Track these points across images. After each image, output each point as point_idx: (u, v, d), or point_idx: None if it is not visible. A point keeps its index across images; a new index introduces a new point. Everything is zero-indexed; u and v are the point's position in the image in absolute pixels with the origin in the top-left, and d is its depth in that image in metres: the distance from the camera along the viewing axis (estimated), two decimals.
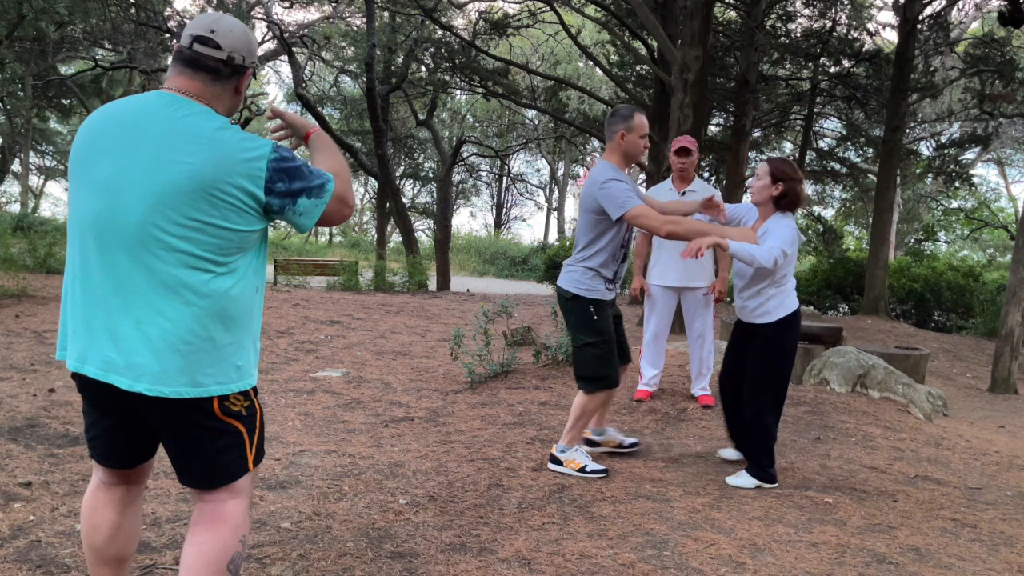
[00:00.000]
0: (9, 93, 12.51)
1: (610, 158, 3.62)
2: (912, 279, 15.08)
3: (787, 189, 3.51)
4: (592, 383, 3.62)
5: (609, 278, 3.62)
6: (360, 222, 43.10)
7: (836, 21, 15.14)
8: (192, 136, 1.73)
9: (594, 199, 3.50)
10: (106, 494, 1.96)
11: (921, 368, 6.47)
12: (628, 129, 3.55)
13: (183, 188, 1.71)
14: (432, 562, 2.68)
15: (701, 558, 2.81)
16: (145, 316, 1.73)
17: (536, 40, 23.90)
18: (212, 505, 1.84)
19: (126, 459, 1.93)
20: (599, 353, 3.60)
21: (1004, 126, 18.34)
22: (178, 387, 1.74)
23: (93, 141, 1.77)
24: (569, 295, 3.62)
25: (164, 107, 1.77)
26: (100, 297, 1.75)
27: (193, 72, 1.82)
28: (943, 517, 3.42)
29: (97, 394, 1.82)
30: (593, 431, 4.05)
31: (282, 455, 3.78)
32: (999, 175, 32.24)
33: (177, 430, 1.79)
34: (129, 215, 1.72)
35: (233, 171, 1.73)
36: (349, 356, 6.41)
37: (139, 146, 1.73)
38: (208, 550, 1.80)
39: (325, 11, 22.16)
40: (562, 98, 18.51)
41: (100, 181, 1.74)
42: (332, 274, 14.09)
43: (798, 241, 3.53)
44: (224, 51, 1.82)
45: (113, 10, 13.00)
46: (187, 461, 1.83)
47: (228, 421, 1.81)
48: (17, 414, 4.10)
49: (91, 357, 1.76)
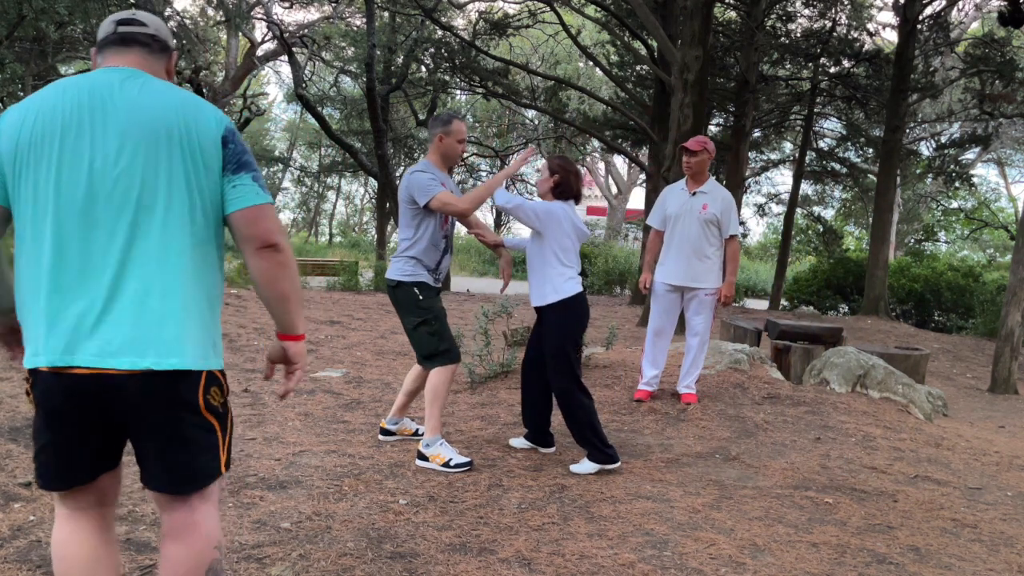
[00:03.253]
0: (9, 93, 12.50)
1: (430, 158, 3.90)
2: (912, 279, 15.08)
3: (560, 179, 3.83)
4: (434, 359, 3.78)
5: (431, 267, 3.82)
6: (360, 222, 43.10)
7: (836, 21, 15.13)
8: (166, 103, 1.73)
9: (406, 190, 3.76)
10: (76, 523, 1.78)
11: (921, 368, 6.47)
12: (446, 133, 3.84)
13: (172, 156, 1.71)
14: (432, 562, 2.68)
15: (701, 558, 2.81)
16: (148, 287, 1.68)
17: (536, 40, 23.89)
18: (182, 514, 1.77)
19: (92, 469, 1.77)
20: (432, 330, 3.76)
21: (1004, 126, 18.32)
22: (183, 358, 1.70)
23: (51, 122, 1.68)
24: (394, 283, 3.81)
25: (115, 78, 1.74)
26: (86, 277, 1.66)
27: (127, 48, 1.80)
28: (943, 517, 3.42)
29: (68, 397, 1.67)
30: (389, 421, 4.20)
31: (282, 455, 3.78)
32: (999, 175, 32.23)
33: (158, 423, 1.71)
34: (131, 182, 1.68)
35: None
36: (349, 356, 6.41)
37: (109, 121, 1.69)
38: (188, 565, 1.75)
39: (325, 11, 22.15)
40: (562, 98, 18.53)
41: (81, 160, 1.67)
42: (332, 274, 14.08)
43: (565, 226, 3.77)
44: (150, 27, 1.83)
45: (113, 10, 13.01)
46: (163, 460, 1.74)
47: (208, 417, 1.76)
48: (17, 414, 4.10)
49: (81, 347, 1.64)
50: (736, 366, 5.69)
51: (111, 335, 1.65)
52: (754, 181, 21.74)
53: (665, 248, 5.00)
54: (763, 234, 36.62)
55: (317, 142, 34.50)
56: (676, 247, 4.90)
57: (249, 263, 1.79)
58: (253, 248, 1.76)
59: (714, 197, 4.87)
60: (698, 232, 4.83)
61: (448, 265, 3.92)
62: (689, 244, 4.84)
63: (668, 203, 4.99)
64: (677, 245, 4.89)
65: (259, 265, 1.77)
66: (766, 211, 22.12)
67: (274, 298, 1.82)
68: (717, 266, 4.90)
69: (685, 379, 5.05)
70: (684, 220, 4.87)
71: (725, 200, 4.89)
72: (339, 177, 36.70)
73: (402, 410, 4.18)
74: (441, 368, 3.77)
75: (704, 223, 4.84)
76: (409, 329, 3.82)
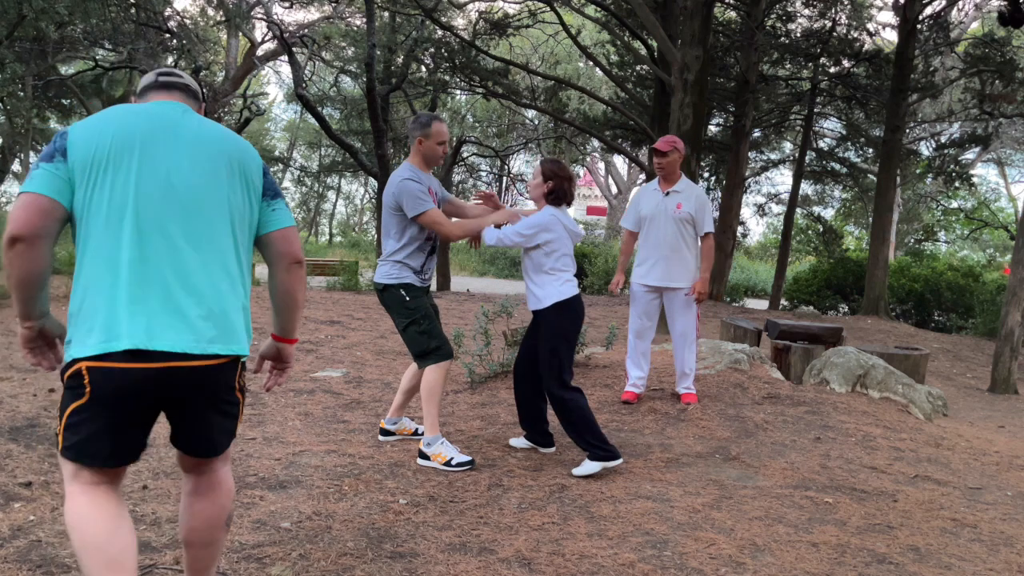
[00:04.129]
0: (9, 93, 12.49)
1: (412, 160, 3.88)
2: (912, 279, 15.08)
3: (555, 186, 3.83)
4: (427, 357, 3.79)
5: (417, 269, 3.83)
6: (360, 222, 43.10)
7: (836, 21, 15.14)
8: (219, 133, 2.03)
9: (393, 197, 3.75)
10: (92, 495, 1.90)
11: (921, 368, 6.47)
12: (425, 136, 3.82)
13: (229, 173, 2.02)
14: (432, 562, 2.68)
15: (701, 558, 2.81)
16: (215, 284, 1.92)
17: (536, 40, 23.89)
18: (208, 476, 2.07)
19: (134, 451, 1.94)
20: (422, 329, 3.78)
21: (1004, 126, 18.33)
22: (242, 345, 1.97)
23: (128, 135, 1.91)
24: (381, 287, 3.84)
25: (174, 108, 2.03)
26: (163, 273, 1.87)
27: (170, 91, 2.11)
28: (943, 517, 3.42)
29: (143, 378, 1.83)
30: (388, 420, 4.20)
31: (282, 455, 3.78)
32: (999, 175, 32.23)
33: (206, 403, 1.95)
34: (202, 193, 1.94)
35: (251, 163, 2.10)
36: (349, 356, 6.41)
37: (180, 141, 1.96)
38: (212, 515, 2.07)
39: (325, 11, 22.15)
40: (562, 98, 18.52)
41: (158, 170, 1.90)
42: (332, 274, 14.08)
43: (557, 230, 3.78)
44: (186, 80, 2.15)
45: (113, 10, 13.00)
46: (205, 434, 2.00)
47: (239, 396, 2.04)
48: (17, 414, 4.10)
49: (158, 334, 1.83)
50: (736, 366, 5.69)
51: (187, 324, 1.87)
52: (754, 181, 21.76)
53: (641, 249, 5.00)
54: (763, 234, 36.65)
55: (317, 142, 34.52)
56: (652, 247, 4.90)
57: (278, 275, 2.08)
58: (286, 263, 2.07)
59: (687, 196, 4.88)
60: (673, 232, 4.84)
61: (434, 266, 3.95)
62: (665, 244, 4.85)
63: (642, 204, 5.00)
64: (653, 245, 4.89)
65: (287, 278, 2.08)
66: (766, 211, 22.14)
67: (289, 306, 2.12)
68: (694, 265, 4.90)
69: (683, 380, 5.05)
70: (659, 220, 4.87)
71: (699, 198, 4.90)
72: (339, 177, 36.72)
73: (400, 409, 4.19)
74: (435, 366, 3.78)
75: (679, 222, 4.85)
76: (400, 330, 3.84)
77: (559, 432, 4.38)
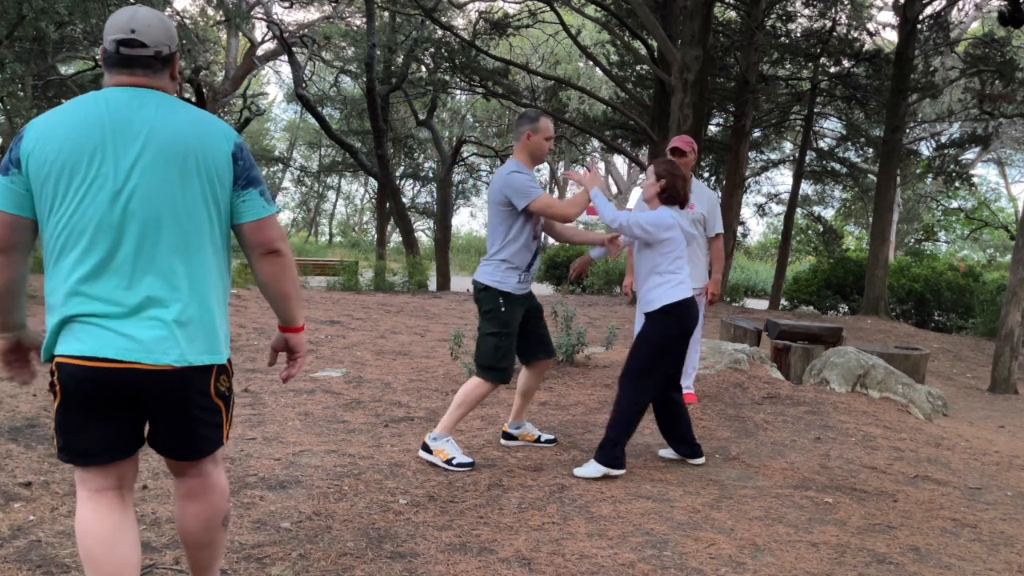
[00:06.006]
0: (9, 93, 12.49)
1: (518, 157, 3.82)
2: (912, 279, 15.07)
3: (668, 185, 3.80)
4: (488, 372, 3.74)
5: (524, 267, 3.77)
6: (360, 222, 43.10)
7: (836, 21, 15.14)
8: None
9: (501, 192, 3.70)
10: (98, 503, 1.93)
11: (921, 368, 6.47)
12: (534, 131, 3.77)
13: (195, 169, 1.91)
14: (432, 562, 2.68)
15: (701, 558, 2.81)
16: (177, 293, 1.88)
17: (536, 40, 23.89)
18: (199, 479, 2.05)
19: (127, 446, 1.96)
20: (500, 344, 3.73)
21: (1004, 126, 18.33)
22: (213, 355, 1.93)
23: (77, 145, 1.83)
24: (481, 287, 3.78)
25: (129, 99, 1.89)
26: (123, 280, 1.84)
27: (131, 70, 1.92)
28: (943, 517, 3.42)
29: (96, 387, 1.84)
30: (511, 425, 4.15)
31: (282, 455, 3.78)
32: (999, 175, 32.24)
33: (177, 408, 1.92)
34: (154, 198, 1.86)
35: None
36: (349, 356, 6.41)
37: (130, 140, 1.85)
38: (208, 516, 2.07)
39: (325, 11, 22.15)
40: (562, 98, 18.52)
41: (107, 177, 1.84)
42: (332, 274, 14.09)
43: (675, 231, 3.73)
44: (150, 48, 1.92)
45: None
46: (181, 437, 1.98)
47: (217, 402, 2.00)
48: (17, 414, 4.10)
49: (109, 342, 1.82)
50: (736, 366, 5.69)
51: (146, 334, 1.84)
52: (754, 181, 21.75)
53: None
54: (763, 234, 36.64)
55: (317, 142, 34.51)
56: None
57: (254, 266, 2.02)
58: (258, 254, 2.00)
59: (699, 196, 4.88)
60: (687, 224, 4.83)
61: (538, 266, 3.87)
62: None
63: None
64: None
65: (263, 268, 2.01)
66: (766, 211, 22.13)
67: (276, 296, 2.06)
68: (704, 265, 4.91)
69: (684, 379, 5.04)
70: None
71: (710, 200, 4.91)
72: (339, 177, 36.71)
73: (520, 413, 4.12)
74: (486, 383, 3.73)
75: (691, 223, 4.84)
76: (482, 332, 3.78)
77: (560, 432, 4.38)
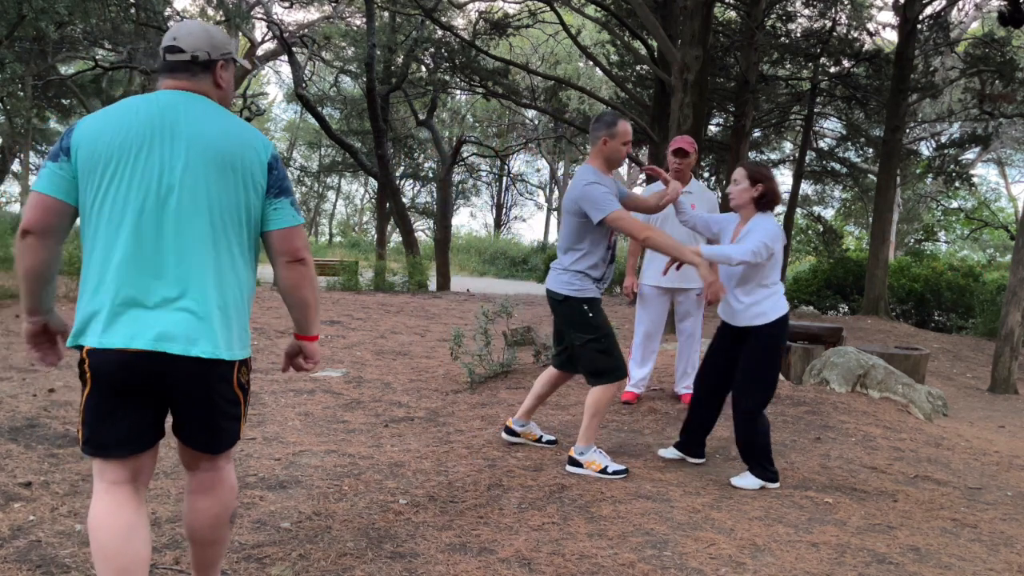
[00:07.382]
0: (9, 93, 12.49)
1: (593, 162, 3.71)
2: (912, 279, 15.07)
3: (766, 189, 3.61)
4: (603, 376, 3.66)
5: (598, 278, 3.69)
6: (360, 222, 43.10)
7: (836, 21, 15.13)
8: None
9: (576, 203, 3.58)
10: (112, 496, 1.98)
11: (921, 368, 6.47)
12: (611, 135, 3.64)
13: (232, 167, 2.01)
14: (432, 562, 2.68)
15: (701, 558, 2.81)
16: (213, 285, 1.96)
17: (536, 40, 23.89)
18: (212, 474, 2.11)
19: (148, 439, 2.01)
20: (602, 347, 3.64)
21: (1004, 126, 18.32)
22: (231, 350, 1.99)
23: (126, 140, 1.94)
24: (560, 297, 3.68)
25: (176, 102, 2.01)
26: (158, 272, 1.92)
27: (175, 75, 2.07)
28: (943, 517, 3.42)
29: (128, 373, 1.90)
30: (516, 421, 4.11)
31: (282, 455, 3.78)
32: (999, 175, 32.23)
33: (201, 397, 1.98)
34: (193, 195, 1.95)
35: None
36: (349, 356, 6.41)
37: (177, 141, 1.96)
38: (217, 512, 2.11)
39: (325, 11, 22.15)
40: (562, 98, 18.53)
41: (152, 173, 1.93)
42: (332, 274, 14.08)
43: (781, 239, 3.58)
44: (187, 53, 2.05)
45: (113, 10, 12.99)
46: (205, 427, 2.04)
47: (238, 392, 2.07)
48: (17, 414, 4.10)
49: (141, 332, 1.88)
50: None
51: (178, 325, 1.91)
52: None
53: (650, 250, 4.98)
54: None
55: (317, 142, 34.53)
56: None
57: (279, 272, 2.09)
58: (284, 261, 2.08)
59: (700, 197, 4.87)
60: (686, 232, 4.82)
61: (612, 274, 3.80)
62: None
63: None
64: None
65: (287, 275, 2.08)
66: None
67: (297, 303, 2.13)
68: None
69: (683, 380, 5.05)
70: (672, 221, 4.83)
71: (711, 200, 4.91)
72: (339, 177, 36.73)
73: (529, 413, 4.08)
74: (608, 385, 3.67)
75: None
76: (577, 345, 3.70)
77: (561, 432, 4.38)
